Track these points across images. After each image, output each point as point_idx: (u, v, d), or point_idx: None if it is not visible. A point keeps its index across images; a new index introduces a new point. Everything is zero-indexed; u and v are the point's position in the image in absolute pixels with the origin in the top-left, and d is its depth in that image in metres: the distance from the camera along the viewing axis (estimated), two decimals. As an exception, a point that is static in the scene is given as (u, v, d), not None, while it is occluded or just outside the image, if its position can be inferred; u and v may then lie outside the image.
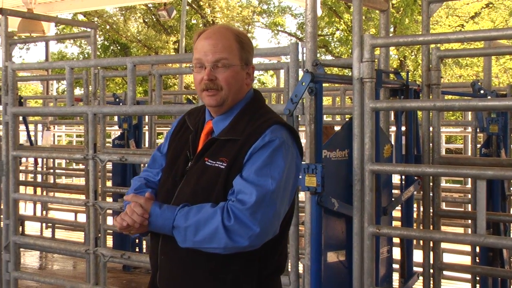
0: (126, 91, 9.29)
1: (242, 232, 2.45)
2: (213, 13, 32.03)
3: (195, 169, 2.65)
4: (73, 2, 14.39)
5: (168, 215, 2.54)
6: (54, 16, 13.53)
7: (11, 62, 6.13)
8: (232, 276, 2.60)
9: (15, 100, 6.15)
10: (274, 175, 2.52)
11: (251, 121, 2.64)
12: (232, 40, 2.66)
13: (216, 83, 2.61)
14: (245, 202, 2.46)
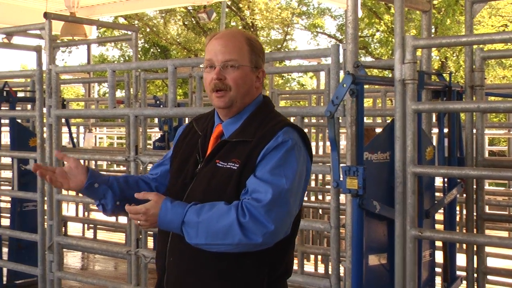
0: (166, 93, 9.34)
1: (257, 230, 2.44)
2: (252, 15, 32.06)
3: (205, 171, 2.67)
4: (114, 5, 14.53)
5: (178, 211, 2.53)
6: (95, 19, 13.67)
7: (54, 65, 6.21)
8: (243, 277, 2.61)
9: (58, 102, 6.23)
10: (288, 175, 2.53)
11: (262, 124, 2.65)
12: (243, 42, 2.69)
13: (225, 83, 2.64)
14: (260, 200, 2.46)
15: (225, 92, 2.64)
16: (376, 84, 5.72)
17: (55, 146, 6.04)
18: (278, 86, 27.73)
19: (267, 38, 35.18)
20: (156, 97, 9.39)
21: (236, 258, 2.55)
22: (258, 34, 33.61)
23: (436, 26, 25.53)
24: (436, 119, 5.30)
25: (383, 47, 31.34)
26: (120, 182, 2.84)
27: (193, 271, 2.64)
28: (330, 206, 4.41)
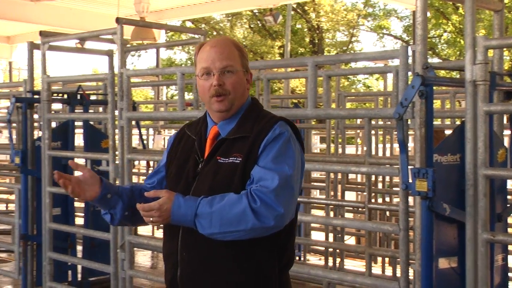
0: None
1: (268, 213, 2.56)
2: (318, 18, 32.00)
3: (207, 168, 2.77)
4: (182, 9, 14.68)
5: (190, 204, 2.62)
6: (164, 23, 13.84)
7: (125, 68, 6.30)
8: (256, 265, 2.72)
9: (129, 105, 6.32)
10: (289, 163, 2.68)
11: (257, 120, 2.79)
12: (234, 48, 2.84)
13: (224, 88, 2.77)
14: (268, 186, 2.59)
15: (225, 97, 2.78)
16: (445, 86, 5.63)
17: (126, 147, 6.13)
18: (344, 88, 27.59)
19: (332, 40, 35.08)
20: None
21: (247, 247, 2.67)
22: (324, 36, 33.52)
23: (507, 26, 24.96)
24: (507, 121, 5.18)
25: (450, 47, 30.85)
26: (128, 193, 2.94)
27: (208, 262, 2.73)
28: (399, 208, 4.35)
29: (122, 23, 6.32)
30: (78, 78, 8.10)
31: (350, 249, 9.63)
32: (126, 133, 6.22)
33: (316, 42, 33.02)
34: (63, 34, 7.41)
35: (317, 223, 9.11)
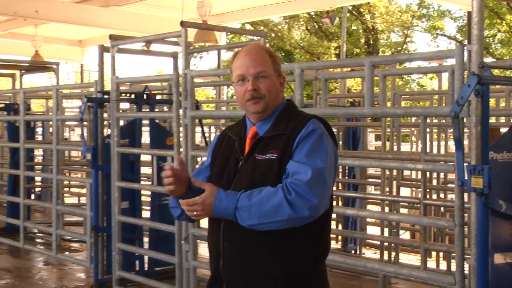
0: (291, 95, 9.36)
1: (303, 204, 2.63)
2: (372, 19, 31.72)
3: (247, 165, 2.86)
4: (242, 13, 14.73)
5: (231, 198, 2.71)
6: (225, 26, 13.90)
7: (189, 69, 6.35)
8: (293, 254, 2.78)
9: (193, 104, 6.37)
10: (321, 157, 2.75)
11: (292, 119, 2.88)
12: (266, 55, 2.93)
13: (259, 92, 2.87)
14: (302, 179, 2.66)
15: (260, 99, 2.88)
16: (501, 84, 5.51)
17: (190, 144, 6.18)
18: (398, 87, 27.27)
19: (387, 41, 34.71)
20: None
21: (283, 238, 2.74)
22: (378, 37, 33.21)
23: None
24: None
25: (504, 47, 30.18)
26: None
27: (248, 252, 2.80)
28: (454, 204, 4.28)
29: (186, 26, 6.38)
30: (145, 79, 8.21)
31: (405, 243, 9.53)
32: (190, 131, 6.27)
33: (371, 43, 32.73)
34: (130, 37, 7.52)
35: (374, 218, 9.05)
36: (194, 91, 6.43)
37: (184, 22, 6.36)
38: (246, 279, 2.81)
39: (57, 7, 13.19)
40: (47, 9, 12.96)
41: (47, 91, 12.39)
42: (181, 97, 6.30)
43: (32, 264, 9.09)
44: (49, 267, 8.86)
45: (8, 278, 8.20)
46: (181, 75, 6.35)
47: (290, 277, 2.78)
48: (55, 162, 8.89)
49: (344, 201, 9.77)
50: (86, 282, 7.86)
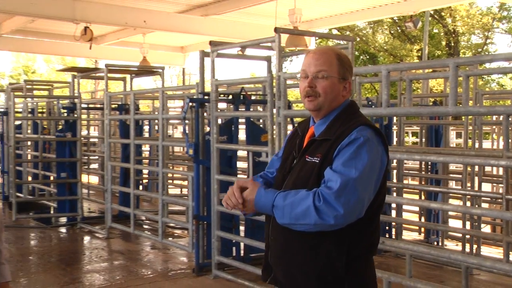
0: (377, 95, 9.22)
1: (329, 212, 2.55)
2: (454, 22, 30.87)
3: (297, 165, 2.81)
4: (330, 19, 14.61)
5: (269, 196, 2.69)
6: (314, 31, 13.84)
7: (282, 72, 6.35)
8: (326, 252, 2.69)
9: (285, 104, 6.36)
10: (358, 167, 2.60)
11: (343, 124, 2.75)
12: (333, 57, 2.79)
13: (315, 90, 2.77)
14: (331, 188, 2.57)
15: (315, 98, 2.78)
16: None
17: (283, 141, 6.18)
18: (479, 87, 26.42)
19: (467, 43, 33.67)
20: (368, 99, 9.32)
21: (319, 237, 2.66)
22: (459, 39, 32.27)
23: None
24: None
25: None
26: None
27: (288, 246, 2.77)
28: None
29: (280, 32, 6.37)
30: (241, 81, 8.24)
31: (487, 236, 9.23)
32: (283, 129, 6.27)
33: (452, 45, 31.87)
34: (228, 43, 7.56)
35: (457, 212, 8.79)
36: (287, 92, 6.42)
37: (278, 28, 6.35)
38: (286, 272, 2.80)
39: (162, 17, 13.45)
40: (154, 19, 13.24)
41: (153, 93, 12.68)
42: (275, 97, 6.31)
43: (141, 247, 9.32)
44: (156, 250, 9.06)
45: (121, 260, 8.46)
46: (275, 77, 6.36)
47: (322, 276, 2.70)
48: (160, 156, 9.07)
49: (427, 195, 9.55)
50: (188, 265, 7.99)
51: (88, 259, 8.53)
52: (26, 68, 45.71)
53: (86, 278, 7.49)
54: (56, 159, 11.44)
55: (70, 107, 11.31)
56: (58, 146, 11.36)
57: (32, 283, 7.20)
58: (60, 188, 11.36)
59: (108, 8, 12.70)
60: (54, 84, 15.59)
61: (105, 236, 9.89)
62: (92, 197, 13.72)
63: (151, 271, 7.77)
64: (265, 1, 12.17)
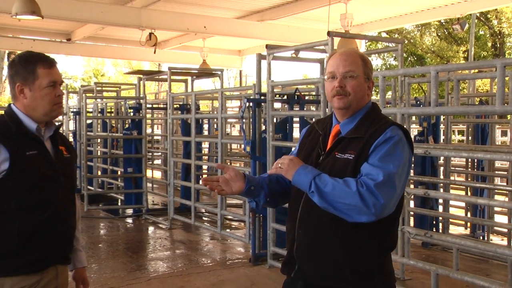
0: (425, 95, 9.07)
1: (370, 199, 2.50)
2: (499, 24, 30.08)
3: (327, 161, 2.73)
4: (380, 22, 14.43)
5: (311, 171, 2.61)
6: (365, 35, 13.70)
7: (335, 73, 6.32)
8: (359, 245, 2.66)
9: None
10: (394, 163, 2.58)
11: (373, 124, 2.72)
12: (358, 58, 2.78)
13: (345, 90, 2.72)
14: (374, 179, 2.53)
15: (344, 96, 2.72)
16: None
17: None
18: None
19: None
20: (417, 98, 9.20)
21: (353, 230, 2.62)
22: (505, 40, 31.43)
23: None
24: None
25: None
26: (267, 181, 2.92)
27: (319, 241, 2.70)
28: None
29: (333, 36, 6.34)
30: (296, 82, 8.25)
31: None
32: (335, 127, 6.23)
33: (498, 46, 31.07)
34: (284, 46, 7.57)
35: (503, 207, 8.57)
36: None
37: (331, 32, 6.33)
38: (316, 265, 2.72)
39: (221, 23, 13.52)
40: (213, 25, 13.32)
41: (213, 94, 12.79)
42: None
43: (201, 238, 9.42)
44: (214, 241, 9.14)
45: (183, 249, 8.56)
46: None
47: (356, 268, 2.65)
48: (220, 153, 9.14)
49: (473, 191, 9.35)
50: (245, 255, 8.03)
51: (152, 247, 8.67)
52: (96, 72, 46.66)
53: (151, 265, 7.62)
54: (123, 155, 11.66)
55: (136, 107, 11.52)
56: (125, 143, 11.57)
57: (102, 268, 7.36)
58: (127, 182, 11.58)
59: (171, 15, 12.86)
60: (121, 86, 15.89)
61: (168, 227, 10.03)
62: (155, 191, 13.93)
63: (210, 260, 7.85)
64: (317, 7, 12.13)
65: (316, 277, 2.71)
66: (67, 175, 2.95)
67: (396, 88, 7.30)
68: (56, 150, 2.90)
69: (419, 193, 6.76)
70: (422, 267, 5.93)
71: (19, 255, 2.70)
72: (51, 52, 16.22)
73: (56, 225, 2.82)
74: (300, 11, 12.66)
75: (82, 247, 3.18)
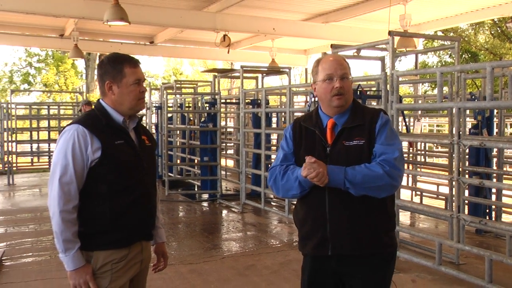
0: (478, 90, 8.72)
1: (395, 174, 2.72)
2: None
3: (336, 150, 2.81)
4: (436, 22, 14.01)
5: (341, 168, 2.71)
6: (423, 33, 13.34)
7: (395, 70, 6.15)
8: (385, 212, 2.85)
9: (397, 99, 6.17)
10: (397, 139, 2.84)
11: (364, 112, 2.90)
12: (345, 62, 2.93)
13: (343, 89, 2.85)
14: (391, 156, 2.73)
15: (342, 95, 2.85)
16: None
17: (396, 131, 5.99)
18: None
19: None
20: (472, 93, 8.88)
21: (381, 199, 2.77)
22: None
23: None
24: None
25: None
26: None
27: (352, 216, 2.77)
28: None
29: (393, 35, 6.18)
30: (358, 78, 8.08)
31: None
32: (395, 120, 6.11)
33: (551, 43, 29.68)
34: (347, 45, 7.43)
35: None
36: (399, 88, 6.22)
37: (392, 32, 6.17)
38: (353, 238, 2.79)
39: (289, 25, 13.45)
40: (282, 27, 13.27)
41: (281, 89, 12.73)
42: (389, 92, 6.13)
43: (270, 221, 9.42)
44: (282, 224, 9.12)
45: (253, 231, 8.59)
46: (388, 75, 6.18)
47: (386, 229, 2.86)
48: (287, 144, 9.08)
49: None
50: (310, 237, 7.95)
51: (225, 229, 8.74)
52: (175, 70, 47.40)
53: (225, 245, 7.68)
54: (200, 145, 11.79)
55: (211, 102, 11.62)
56: (201, 134, 11.70)
57: (181, 246, 7.47)
58: (203, 170, 11.72)
59: (243, 18, 12.89)
60: (198, 83, 16.06)
61: (240, 211, 10.09)
62: (229, 178, 14.03)
63: (278, 241, 7.83)
64: (378, 8, 11.90)
65: (355, 248, 2.80)
66: (149, 161, 3.00)
67: (453, 84, 7.04)
68: (139, 140, 2.96)
69: (474, 183, 6.52)
70: (477, 253, 5.71)
71: (110, 232, 2.77)
72: (136, 53, 16.60)
73: (141, 205, 2.88)
74: (362, 13, 12.47)
75: (162, 225, 3.24)
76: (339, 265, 2.86)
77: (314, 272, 2.94)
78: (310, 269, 2.96)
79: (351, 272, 2.86)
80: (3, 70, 38.85)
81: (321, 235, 2.84)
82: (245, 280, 6.00)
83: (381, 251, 2.85)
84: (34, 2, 10.87)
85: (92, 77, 32.07)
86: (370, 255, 2.83)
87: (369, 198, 2.74)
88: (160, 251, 3.21)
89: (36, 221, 9.19)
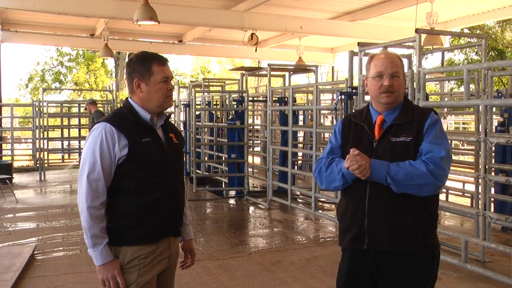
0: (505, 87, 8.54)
1: (440, 174, 2.65)
2: None
3: (383, 146, 2.79)
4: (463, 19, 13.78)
5: (384, 163, 2.69)
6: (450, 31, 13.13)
7: (422, 67, 6.05)
8: (426, 211, 2.78)
9: (424, 95, 6.07)
10: (446, 140, 2.76)
11: (414, 111, 2.87)
12: (399, 60, 2.91)
13: (393, 87, 2.82)
14: (437, 155, 2.67)
15: (392, 93, 2.83)
16: None
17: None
18: None
19: None
20: (498, 91, 8.72)
21: (423, 199, 2.71)
22: None
23: None
24: None
25: None
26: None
27: (391, 213, 2.73)
28: None
29: (420, 33, 6.08)
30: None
31: None
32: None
33: None
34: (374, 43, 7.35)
35: None
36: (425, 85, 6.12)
37: (419, 29, 6.08)
38: (390, 233, 2.75)
39: (316, 23, 13.38)
40: (309, 25, 13.21)
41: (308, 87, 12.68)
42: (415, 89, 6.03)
43: (296, 217, 9.38)
44: (308, 221, 9.08)
45: (280, 227, 8.56)
46: (415, 73, 6.08)
47: (426, 229, 2.79)
48: (314, 141, 9.04)
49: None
50: (336, 234, 7.90)
51: (252, 225, 8.72)
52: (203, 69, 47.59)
53: (251, 241, 7.67)
54: (227, 142, 11.81)
55: (239, 99, 11.61)
56: (229, 132, 11.71)
57: (208, 242, 7.48)
58: (230, 167, 11.72)
59: (271, 17, 12.86)
60: (226, 81, 16.08)
61: (266, 207, 10.07)
62: (256, 175, 14.04)
63: (304, 238, 7.79)
64: (405, 6, 11.77)
65: (392, 245, 2.75)
66: (177, 159, 2.99)
67: (479, 81, 6.90)
68: (167, 137, 2.95)
69: (500, 180, 6.38)
70: (503, 251, 5.60)
71: (138, 228, 2.77)
72: (165, 52, 16.69)
73: (168, 202, 2.87)
74: (388, 11, 12.35)
75: (190, 222, 3.23)
76: (375, 262, 2.80)
77: (352, 269, 2.89)
78: (348, 265, 2.91)
79: (387, 270, 2.79)
80: (36, 69, 39.41)
81: (359, 228, 2.82)
82: (271, 276, 5.98)
83: (419, 251, 2.77)
84: (65, 2, 11.02)
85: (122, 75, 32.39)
86: (407, 254, 2.76)
87: (411, 196, 2.69)
88: (188, 247, 3.20)
89: (66, 216, 9.31)
